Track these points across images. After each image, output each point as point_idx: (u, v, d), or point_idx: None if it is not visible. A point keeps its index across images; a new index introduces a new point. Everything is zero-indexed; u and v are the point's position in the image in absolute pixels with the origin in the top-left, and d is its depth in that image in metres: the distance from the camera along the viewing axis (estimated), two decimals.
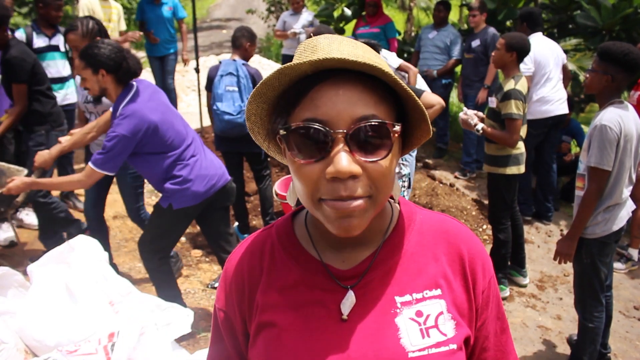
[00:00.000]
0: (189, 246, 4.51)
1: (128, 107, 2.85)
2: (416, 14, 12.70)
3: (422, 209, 1.00)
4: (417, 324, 0.88)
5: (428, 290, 0.91)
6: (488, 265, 0.98)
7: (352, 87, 0.79)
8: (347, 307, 0.88)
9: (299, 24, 6.80)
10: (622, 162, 2.80)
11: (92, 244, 2.77)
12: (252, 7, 13.04)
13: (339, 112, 0.78)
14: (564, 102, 5.02)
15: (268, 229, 1.00)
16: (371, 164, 0.79)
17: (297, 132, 0.80)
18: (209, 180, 3.06)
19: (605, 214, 2.86)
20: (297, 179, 0.83)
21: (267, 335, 0.91)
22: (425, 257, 0.93)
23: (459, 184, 6.04)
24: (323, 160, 0.79)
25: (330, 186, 0.78)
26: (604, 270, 2.95)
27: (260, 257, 0.96)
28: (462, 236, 0.96)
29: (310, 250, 0.94)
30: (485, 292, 0.96)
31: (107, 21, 5.80)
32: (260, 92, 0.84)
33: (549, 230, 5.20)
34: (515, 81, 3.62)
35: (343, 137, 0.77)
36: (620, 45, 2.81)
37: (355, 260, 0.92)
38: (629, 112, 2.82)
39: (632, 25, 5.79)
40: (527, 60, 4.83)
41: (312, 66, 0.78)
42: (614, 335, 3.58)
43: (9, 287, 2.69)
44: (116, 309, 2.57)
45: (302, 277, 0.92)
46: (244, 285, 0.95)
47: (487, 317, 0.97)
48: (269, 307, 0.92)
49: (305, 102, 0.80)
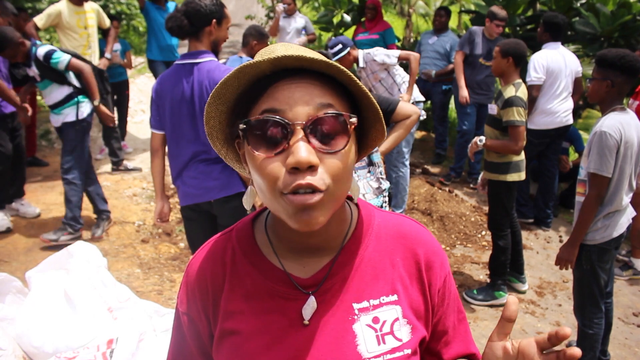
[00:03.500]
0: (188, 252, 4.51)
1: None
2: (415, 20, 12.72)
3: (380, 212, 1.02)
4: (374, 330, 0.91)
5: (385, 296, 0.93)
6: (444, 264, 1.00)
7: (309, 82, 0.82)
8: (309, 313, 0.90)
9: (292, 26, 6.85)
10: (622, 169, 2.80)
11: (91, 250, 2.77)
12: (251, 13, 13.05)
13: (296, 101, 0.80)
14: (569, 113, 4.97)
15: (228, 232, 1.01)
16: (329, 156, 0.80)
17: (257, 125, 0.81)
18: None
19: (605, 220, 2.86)
20: (257, 175, 0.83)
21: (230, 343, 0.92)
22: (382, 262, 0.95)
23: (458, 190, 6.04)
24: (283, 153, 0.80)
25: (291, 178, 0.79)
26: (603, 277, 2.95)
27: (222, 263, 0.96)
28: (418, 239, 0.99)
29: (270, 256, 0.95)
30: (441, 291, 0.99)
31: (84, 27, 5.63)
32: (219, 93, 0.85)
33: (548, 237, 5.19)
34: (516, 88, 3.62)
35: (302, 129, 0.79)
36: (615, 51, 2.83)
37: (315, 266, 0.93)
38: (630, 118, 2.82)
39: (631, 32, 5.81)
40: (539, 69, 4.80)
41: (271, 64, 0.80)
42: (613, 341, 3.58)
43: (7, 293, 2.68)
44: (115, 316, 2.56)
45: (264, 285, 0.93)
46: (208, 290, 0.96)
47: (443, 313, 1.00)
48: (232, 314, 0.93)
49: (263, 97, 0.82)
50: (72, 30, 5.56)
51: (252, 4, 14.73)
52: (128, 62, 6.83)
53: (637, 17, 5.81)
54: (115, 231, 4.79)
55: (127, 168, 6.20)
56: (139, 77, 9.77)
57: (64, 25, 5.53)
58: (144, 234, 4.79)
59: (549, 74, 4.82)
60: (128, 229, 4.85)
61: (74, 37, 5.59)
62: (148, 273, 4.13)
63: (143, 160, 6.56)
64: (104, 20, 6.01)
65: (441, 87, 6.48)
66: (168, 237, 4.75)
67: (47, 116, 7.83)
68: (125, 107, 6.92)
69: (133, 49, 10.72)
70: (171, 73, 2.85)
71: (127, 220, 5.00)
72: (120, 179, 6.01)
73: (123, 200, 5.45)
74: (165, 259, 4.38)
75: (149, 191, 5.68)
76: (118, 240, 4.65)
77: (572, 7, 6.42)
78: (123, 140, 6.72)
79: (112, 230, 4.79)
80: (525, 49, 3.73)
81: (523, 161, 3.76)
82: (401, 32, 11.23)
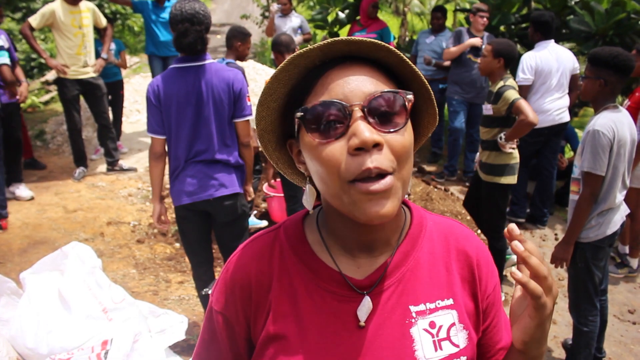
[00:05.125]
0: (183, 252, 4.49)
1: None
2: (410, 19, 12.74)
3: (431, 214, 1.00)
4: (431, 335, 0.87)
5: (440, 300, 0.90)
6: (494, 271, 0.98)
7: (360, 70, 0.80)
8: (364, 313, 0.86)
9: (287, 26, 6.83)
10: (615, 167, 2.81)
11: (85, 251, 2.75)
12: (246, 12, 13.02)
13: (352, 90, 0.78)
14: (564, 111, 4.97)
15: (275, 230, 0.96)
16: (391, 135, 0.78)
17: (315, 111, 0.79)
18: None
19: (599, 218, 2.87)
20: (317, 164, 0.80)
21: (278, 348, 0.87)
22: (436, 265, 0.92)
23: (454, 189, 6.05)
24: (343, 137, 0.78)
25: (356, 161, 0.76)
26: (598, 274, 2.95)
27: (269, 262, 0.91)
28: (470, 242, 0.96)
29: (322, 255, 0.90)
30: (491, 297, 0.96)
31: (78, 27, 5.60)
32: (270, 89, 0.83)
33: (544, 235, 5.21)
34: (504, 81, 3.66)
35: (360, 109, 0.77)
36: (608, 49, 2.83)
37: (370, 267, 0.89)
38: (623, 116, 2.83)
39: (625, 30, 5.82)
40: (527, 70, 4.82)
41: (321, 51, 0.79)
42: (609, 339, 3.59)
43: (1, 295, 2.67)
44: (110, 317, 2.55)
45: (315, 285, 0.88)
46: (251, 290, 0.91)
47: (497, 321, 0.98)
48: (280, 317, 0.88)
49: (316, 90, 0.81)
50: (66, 30, 5.53)
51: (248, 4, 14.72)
52: (123, 62, 6.81)
53: (632, 15, 5.81)
54: (110, 231, 4.78)
55: (123, 168, 6.18)
56: (134, 77, 9.74)
57: (59, 25, 5.49)
58: (139, 234, 4.77)
59: (539, 74, 4.84)
60: (123, 229, 4.84)
61: (69, 36, 5.55)
62: (143, 273, 4.12)
63: (138, 160, 6.54)
64: (101, 20, 5.96)
65: (437, 86, 6.49)
66: (164, 238, 4.74)
67: (42, 117, 7.83)
68: (120, 107, 6.90)
69: (128, 48, 10.69)
70: (171, 76, 2.83)
71: (123, 221, 4.99)
72: (116, 179, 6.00)
73: (118, 201, 5.44)
74: (161, 259, 4.37)
75: (145, 191, 5.66)
76: (113, 240, 4.64)
77: (566, 5, 6.42)
78: (118, 141, 6.70)
79: (107, 231, 4.77)
80: (516, 50, 3.73)
81: (517, 164, 3.77)
82: (396, 31, 11.23)
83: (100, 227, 4.84)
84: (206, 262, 3.14)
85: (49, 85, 9.05)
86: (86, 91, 5.80)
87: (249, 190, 3.18)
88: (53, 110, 8.23)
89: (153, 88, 2.82)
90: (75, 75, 5.64)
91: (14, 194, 5.33)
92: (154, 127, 2.87)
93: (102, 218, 5.02)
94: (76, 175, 5.92)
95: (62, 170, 6.26)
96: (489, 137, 3.76)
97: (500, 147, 3.68)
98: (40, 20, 5.45)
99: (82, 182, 5.87)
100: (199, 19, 2.76)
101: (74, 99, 5.71)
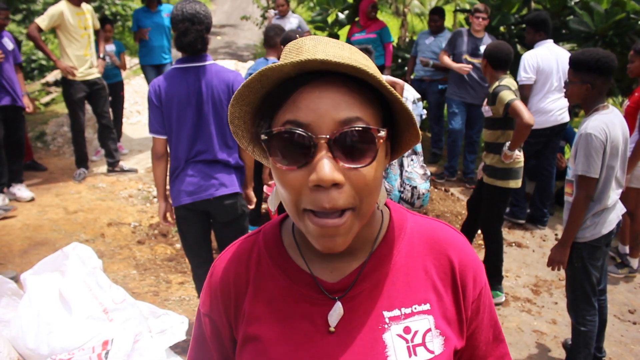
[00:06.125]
0: (184, 253, 4.50)
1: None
2: (410, 20, 12.75)
3: (413, 215, 0.97)
4: (405, 341, 0.86)
5: (417, 305, 0.88)
6: (480, 275, 0.94)
7: (336, 90, 0.76)
8: (335, 319, 0.85)
9: (286, 27, 6.86)
10: (609, 168, 2.81)
11: (86, 251, 2.76)
12: (246, 14, 13.04)
13: (321, 115, 0.75)
14: (564, 111, 4.98)
15: (255, 234, 0.97)
16: (355, 172, 0.76)
17: (279, 137, 0.77)
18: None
19: (594, 218, 2.88)
20: (280, 186, 0.80)
21: (253, 349, 0.89)
22: (415, 269, 0.90)
23: (454, 189, 6.05)
24: (306, 166, 0.75)
25: (313, 196, 0.75)
26: (595, 274, 2.96)
27: (247, 266, 0.93)
28: (453, 245, 0.93)
29: (297, 259, 0.91)
30: (475, 303, 0.93)
31: (84, 28, 5.63)
32: (242, 95, 0.80)
33: (544, 235, 5.21)
34: (499, 81, 3.67)
35: (326, 143, 0.74)
36: (589, 52, 2.81)
37: (344, 271, 0.88)
38: (614, 116, 2.83)
39: (625, 30, 5.82)
40: (528, 68, 4.82)
41: (294, 68, 0.75)
42: (609, 339, 3.59)
43: (1, 296, 2.68)
44: (110, 317, 2.56)
45: (289, 289, 0.89)
46: (230, 292, 0.92)
47: (477, 326, 0.94)
48: (255, 319, 0.89)
49: (288, 104, 0.78)
50: (74, 31, 5.54)
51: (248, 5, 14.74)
52: (123, 64, 6.82)
53: (631, 15, 5.82)
54: (111, 232, 4.78)
55: (123, 169, 6.19)
56: (134, 78, 9.75)
57: (67, 26, 5.49)
58: (139, 235, 4.78)
59: (540, 73, 4.84)
60: (124, 230, 4.85)
61: (76, 38, 5.56)
62: (144, 274, 4.12)
63: (139, 162, 6.55)
64: (96, 21, 6.00)
65: (437, 86, 6.50)
66: (164, 238, 4.75)
67: (42, 118, 7.85)
68: (120, 108, 6.92)
69: (128, 50, 10.70)
70: (172, 76, 2.84)
71: (123, 222, 5.00)
72: (116, 180, 6.01)
73: (119, 202, 5.45)
74: (162, 260, 4.38)
75: (145, 192, 5.67)
76: (114, 241, 4.65)
77: (566, 6, 6.43)
78: (118, 142, 6.72)
79: (108, 232, 4.78)
80: (508, 52, 3.72)
81: (522, 168, 3.77)
82: (396, 32, 11.24)
83: (101, 228, 4.85)
84: (206, 263, 3.14)
85: (49, 87, 9.06)
86: (92, 92, 5.82)
87: (250, 195, 3.16)
88: (53, 112, 8.25)
89: (154, 88, 2.84)
90: (83, 77, 5.68)
91: (15, 195, 5.34)
92: (155, 127, 2.88)
93: (102, 219, 5.03)
94: (77, 176, 5.93)
95: (62, 171, 6.28)
96: (492, 139, 3.76)
97: (507, 159, 3.64)
98: (49, 21, 5.44)
99: (83, 184, 5.88)
100: (200, 18, 2.78)
101: (80, 101, 5.74)
